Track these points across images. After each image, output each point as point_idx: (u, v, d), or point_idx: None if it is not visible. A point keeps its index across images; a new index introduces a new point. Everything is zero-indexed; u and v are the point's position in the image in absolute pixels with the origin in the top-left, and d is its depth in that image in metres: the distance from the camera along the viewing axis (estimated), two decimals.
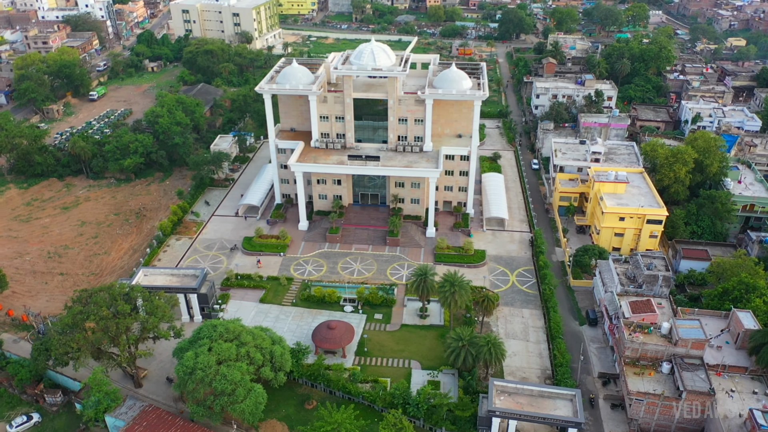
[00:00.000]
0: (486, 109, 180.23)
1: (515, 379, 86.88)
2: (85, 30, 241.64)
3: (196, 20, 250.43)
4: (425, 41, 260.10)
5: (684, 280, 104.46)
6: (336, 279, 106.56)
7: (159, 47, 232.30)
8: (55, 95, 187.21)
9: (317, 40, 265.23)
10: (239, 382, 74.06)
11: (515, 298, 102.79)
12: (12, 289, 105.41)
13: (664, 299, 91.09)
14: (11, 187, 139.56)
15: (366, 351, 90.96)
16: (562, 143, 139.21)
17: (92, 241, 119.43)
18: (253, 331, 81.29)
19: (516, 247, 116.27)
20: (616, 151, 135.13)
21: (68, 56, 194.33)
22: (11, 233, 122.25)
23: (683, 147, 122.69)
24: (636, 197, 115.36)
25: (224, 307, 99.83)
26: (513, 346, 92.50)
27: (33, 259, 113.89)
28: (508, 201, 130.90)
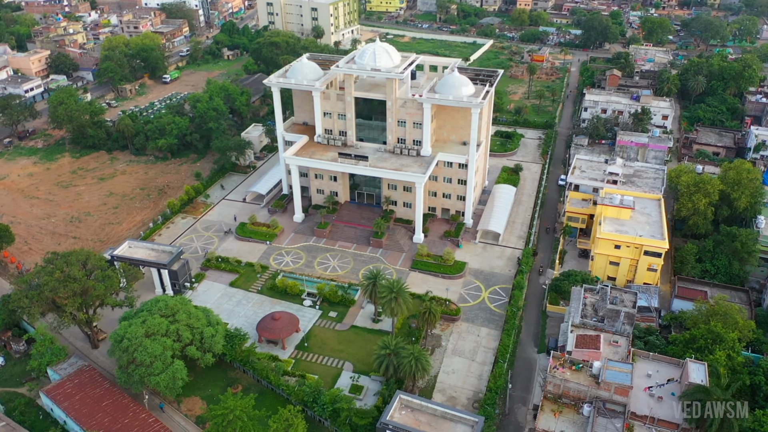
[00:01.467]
0: (533, 119, 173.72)
1: (444, 396, 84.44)
2: (177, 18, 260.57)
3: (279, 13, 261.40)
4: (499, 45, 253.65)
5: (671, 320, 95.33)
6: (309, 273, 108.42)
7: (239, 37, 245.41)
8: (134, 76, 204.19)
9: (393, 38, 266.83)
10: (158, 355, 78.24)
11: (478, 316, 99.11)
12: (30, 246, 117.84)
13: (624, 338, 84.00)
14: (66, 156, 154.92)
15: (306, 346, 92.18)
16: (585, 160, 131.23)
17: (111, 211, 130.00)
18: (192, 311, 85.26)
19: (502, 264, 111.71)
20: (643, 174, 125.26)
21: (149, 41, 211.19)
22: (49, 196, 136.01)
23: (707, 176, 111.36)
24: (640, 225, 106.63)
25: (195, 285, 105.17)
26: (455, 363, 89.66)
27: (56, 222, 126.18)
28: (513, 215, 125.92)
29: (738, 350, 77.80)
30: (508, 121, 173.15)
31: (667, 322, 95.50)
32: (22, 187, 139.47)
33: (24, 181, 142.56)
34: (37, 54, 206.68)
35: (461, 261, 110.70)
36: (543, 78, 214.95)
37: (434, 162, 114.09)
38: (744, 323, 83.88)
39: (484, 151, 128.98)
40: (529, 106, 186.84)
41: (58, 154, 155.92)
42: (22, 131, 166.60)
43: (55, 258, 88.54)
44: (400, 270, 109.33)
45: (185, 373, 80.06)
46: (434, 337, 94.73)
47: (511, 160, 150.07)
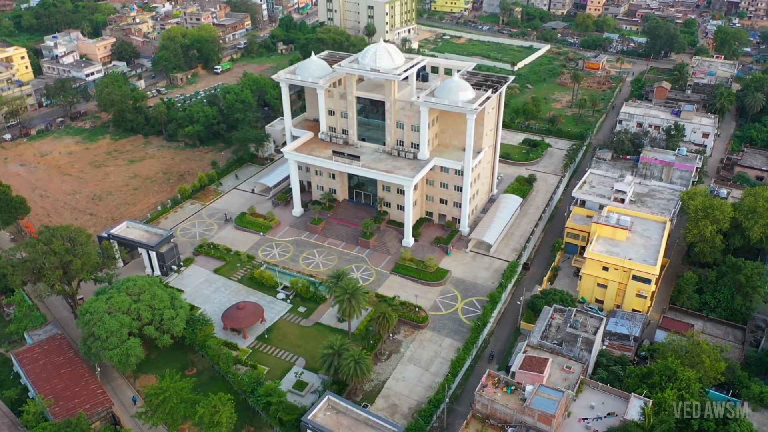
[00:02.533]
0: (567, 129, 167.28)
1: (387, 402, 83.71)
2: (241, 11, 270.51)
3: (338, 10, 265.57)
4: (556, 50, 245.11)
5: (649, 351, 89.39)
6: (291, 267, 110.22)
7: (295, 32, 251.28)
8: (188, 65, 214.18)
9: (449, 39, 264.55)
10: (115, 331, 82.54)
11: (446, 326, 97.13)
12: (50, 218, 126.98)
13: (580, 364, 79.82)
14: (106, 138, 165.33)
15: (266, 338, 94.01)
16: (598, 175, 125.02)
17: (131, 192, 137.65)
18: (157, 293, 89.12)
19: (487, 275, 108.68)
20: (658, 194, 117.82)
21: (205, 32, 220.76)
22: (81, 174, 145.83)
23: (718, 201, 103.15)
24: (635, 248, 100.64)
25: (182, 269, 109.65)
26: (408, 371, 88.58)
27: (80, 198, 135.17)
28: (514, 227, 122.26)
29: (693, 391, 71.91)
30: (540, 129, 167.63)
31: (645, 353, 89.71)
32: (59, 164, 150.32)
33: (63, 158, 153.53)
34: (104, 41, 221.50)
35: (444, 269, 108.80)
36: (594, 87, 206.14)
37: (428, 166, 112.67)
38: (711, 363, 77.34)
39: (491, 159, 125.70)
40: (570, 116, 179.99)
41: (99, 135, 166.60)
42: (74, 112, 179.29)
43: (45, 231, 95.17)
44: (381, 272, 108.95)
45: (140, 351, 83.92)
46: (395, 343, 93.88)
47: (531, 169, 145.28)
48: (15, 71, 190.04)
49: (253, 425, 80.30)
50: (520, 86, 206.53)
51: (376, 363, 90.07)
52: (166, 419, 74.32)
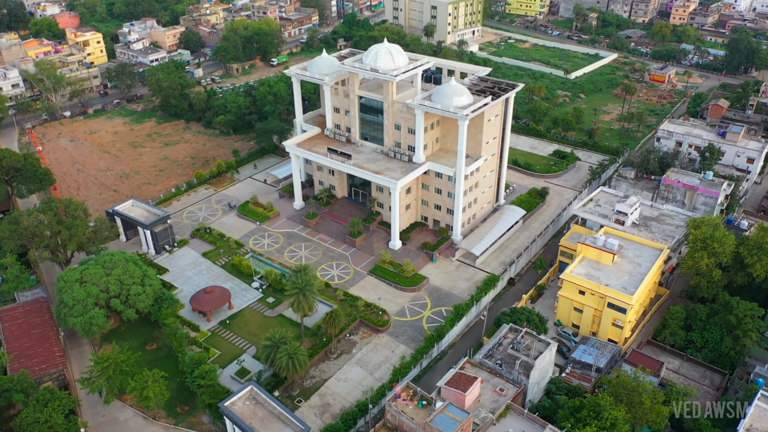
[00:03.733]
0: (605, 143, 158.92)
1: (321, 401, 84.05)
2: (310, 7, 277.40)
3: (403, 9, 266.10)
4: (623, 59, 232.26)
5: (600, 384, 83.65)
6: (275, 258, 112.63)
7: (357, 29, 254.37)
8: (246, 56, 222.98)
9: (513, 43, 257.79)
10: (81, 300, 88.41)
11: (406, 332, 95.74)
12: (79, 191, 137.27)
13: (515, 387, 76.36)
14: (152, 121, 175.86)
15: (228, 323, 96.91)
16: (609, 193, 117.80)
17: (156, 173, 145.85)
18: (130, 268, 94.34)
19: (466, 286, 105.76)
20: (668, 219, 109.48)
21: (266, 26, 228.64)
22: (118, 153, 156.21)
23: (721, 233, 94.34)
24: (619, 274, 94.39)
25: (175, 249, 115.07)
26: (352, 372, 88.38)
27: (110, 175, 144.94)
28: (509, 240, 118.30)
29: (619, 430, 66.80)
30: (575, 141, 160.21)
31: (601, 385, 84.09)
32: (103, 142, 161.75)
33: (108, 137, 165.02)
34: (174, 30, 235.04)
35: (422, 275, 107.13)
36: (653, 100, 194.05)
37: (420, 170, 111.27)
38: (652, 406, 71.32)
39: (495, 168, 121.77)
40: (615, 130, 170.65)
41: (146, 118, 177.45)
42: (131, 95, 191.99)
43: (45, 203, 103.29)
44: (359, 272, 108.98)
45: (102, 321, 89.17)
46: (350, 343, 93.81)
47: (550, 182, 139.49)
48: (86, 54, 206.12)
49: (188, 405, 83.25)
50: (572, 95, 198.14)
51: (324, 361, 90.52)
52: (103, 387, 78.75)
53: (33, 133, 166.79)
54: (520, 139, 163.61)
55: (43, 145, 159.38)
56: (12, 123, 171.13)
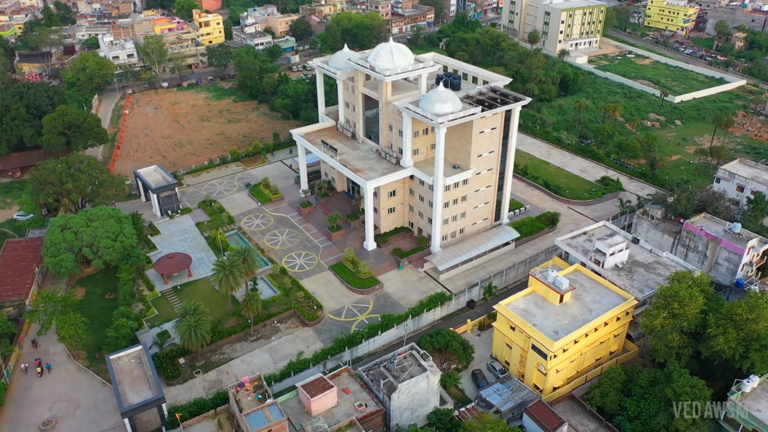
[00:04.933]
0: (667, 177, 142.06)
1: (218, 376, 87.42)
2: (428, 4, 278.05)
3: (519, 13, 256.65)
4: (751, 87, 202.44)
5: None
6: (255, 239, 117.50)
7: (463, 30, 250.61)
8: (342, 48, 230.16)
9: (632, 58, 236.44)
10: (56, 243, 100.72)
11: (331, 331, 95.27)
12: (135, 152, 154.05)
13: (376, 406, 73.47)
14: (230, 99, 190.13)
15: (179, 289, 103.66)
16: (610, 229, 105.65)
17: (204, 145, 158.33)
18: (108, 224, 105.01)
19: (417, 299, 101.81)
20: (660, 269, 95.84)
21: (369, 20, 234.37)
22: (185, 124, 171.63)
23: (687, 292, 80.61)
24: (560, 317, 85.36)
25: (176, 215, 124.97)
26: (260, 358, 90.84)
27: (167, 142, 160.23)
28: (490, 261, 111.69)
29: None
30: (633, 170, 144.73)
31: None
32: (178, 113, 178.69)
33: (185, 109, 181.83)
34: (287, 17, 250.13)
35: (377, 279, 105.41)
36: (764, 137, 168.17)
37: (399, 174, 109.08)
38: None
39: (493, 184, 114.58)
40: (694, 164, 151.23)
41: (227, 96, 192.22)
42: (225, 74, 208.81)
43: (69, 157, 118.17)
44: (321, 265, 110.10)
45: (71, 265, 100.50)
46: (273, 330, 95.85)
47: (575, 209, 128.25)
48: (199, 34, 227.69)
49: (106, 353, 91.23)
50: (666, 121, 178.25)
51: (242, 341, 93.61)
52: (37, 321, 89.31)
53: (130, 98, 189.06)
54: (575, 160, 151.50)
55: (131, 110, 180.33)
56: (119, 88, 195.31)
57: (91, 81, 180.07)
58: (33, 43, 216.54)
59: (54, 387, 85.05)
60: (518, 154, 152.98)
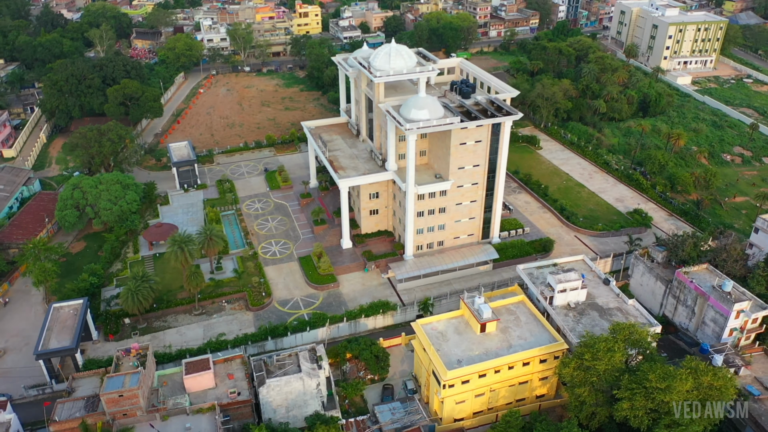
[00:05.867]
0: (713, 219, 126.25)
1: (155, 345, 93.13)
2: (533, 9, 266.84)
3: (628, 24, 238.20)
4: None
5: None
6: (247, 222, 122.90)
7: (561, 38, 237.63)
8: (430, 48, 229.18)
9: (750, 83, 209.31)
10: (65, 199, 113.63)
11: (269, 319, 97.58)
12: (190, 127, 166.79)
13: (247, 392, 75.07)
14: (298, 87, 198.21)
15: (156, 257, 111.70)
16: (588, 266, 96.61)
17: (252, 129, 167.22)
18: (113, 188, 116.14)
19: (368, 303, 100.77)
20: (618, 316, 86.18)
21: (459, 21, 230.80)
22: (246, 107, 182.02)
23: (605, 345, 71.93)
24: (473, 347, 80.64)
25: (191, 189, 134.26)
26: (194, 331, 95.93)
27: (221, 121, 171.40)
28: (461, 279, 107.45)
29: None
30: (675, 206, 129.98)
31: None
32: (245, 96, 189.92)
33: (253, 93, 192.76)
34: (383, 13, 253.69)
35: (334, 277, 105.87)
36: None
37: (376, 177, 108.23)
38: None
39: (480, 199, 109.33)
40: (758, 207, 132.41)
41: (297, 84, 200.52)
42: (303, 63, 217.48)
43: (103, 126, 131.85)
44: (292, 256, 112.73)
45: (73, 219, 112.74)
46: (218, 308, 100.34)
47: (581, 239, 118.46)
48: (292, 23, 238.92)
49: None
50: (751, 157, 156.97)
51: (186, 312, 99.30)
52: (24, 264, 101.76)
53: (211, 79, 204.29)
54: (616, 187, 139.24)
55: (207, 89, 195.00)
56: (207, 69, 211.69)
57: (179, 60, 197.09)
58: (151, 22, 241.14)
59: (17, 323, 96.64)
60: (555, 174, 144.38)
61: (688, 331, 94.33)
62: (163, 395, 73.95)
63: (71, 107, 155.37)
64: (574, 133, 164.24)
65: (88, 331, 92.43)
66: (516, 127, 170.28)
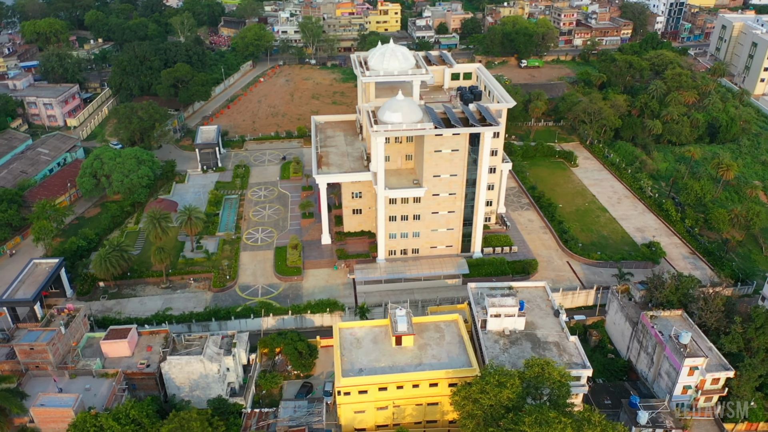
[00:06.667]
0: (734, 262, 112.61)
1: (114, 307, 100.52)
2: (627, 19, 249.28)
3: (728, 40, 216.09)
4: None
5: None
6: (245, 207, 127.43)
7: (648, 50, 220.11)
8: (502, 52, 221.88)
9: None
10: (86, 168, 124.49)
11: (226, 302, 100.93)
12: (235, 113, 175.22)
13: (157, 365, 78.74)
14: (354, 84, 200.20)
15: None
16: (540, 293, 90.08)
17: (293, 120, 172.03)
18: (127, 162, 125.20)
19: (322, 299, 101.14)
20: (551, 352, 79.88)
21: (535, 27, 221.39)
22: (298, 99, 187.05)
23: (495, 379, 66.98)
24: (384, 359, 78.88)
25: (209, 170, 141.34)
26: (154, 303, 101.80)
27: (266, 109, 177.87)
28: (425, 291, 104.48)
29: None
30: (702, 245, 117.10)
31: None
32: (299, 88, 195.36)
33: (309, 85, 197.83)
34: (462, 15, 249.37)
35: (299, 270, 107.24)
36: None
37: (353, 176, 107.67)
38: None
39: (458, 210, 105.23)
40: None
41: (353, 80, 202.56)
42: None
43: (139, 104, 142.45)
44: (271, 245, 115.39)
45: (89, 186, 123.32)
46: (184, 285, 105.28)
47: (573, 266, 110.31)
48: (367, 20, 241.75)
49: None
50: None
51: (155, 285, 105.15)
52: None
53: (275, 69, 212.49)
54: (643, 216, 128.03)
55: (268, 79, 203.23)
56: (276, 59, 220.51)
57: (247, 48, 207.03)
58: (240, 12, 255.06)
59: (12, 274, 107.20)
60: (580, 194, 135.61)
61: (647, 381, 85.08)
62: (78, 355, 79.31)
63: (132, 86, 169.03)
64: (618, 153, 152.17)
65: (63, 289, 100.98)
66: (559, 141, 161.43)
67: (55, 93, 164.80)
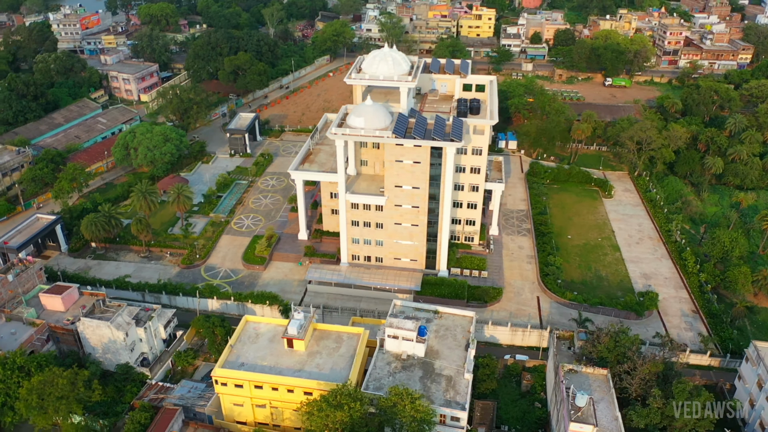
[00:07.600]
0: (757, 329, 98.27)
1: (95, 270, 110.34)
2: (748, 42, 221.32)
3: None
4: None
5: None
6: (251, 192, 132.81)
7: (760, 78, 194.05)
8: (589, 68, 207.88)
9: None
10: (120, 139, 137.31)
11: (188, 278, 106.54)
12: (290, 103, 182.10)
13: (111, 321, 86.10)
14: None
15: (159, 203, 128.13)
16: (463, 322, 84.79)
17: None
18: (155, 138, 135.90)
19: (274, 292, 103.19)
20: (439, 384, 75.50)
21: (628, 43, 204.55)
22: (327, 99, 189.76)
23: (337, 402, 64.90)
24: (271, 358, 79.32)
25: (236, 155, 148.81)
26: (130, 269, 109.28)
27: (323, 105, 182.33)
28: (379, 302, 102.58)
29: None
30: (718, 306, 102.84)
31: None
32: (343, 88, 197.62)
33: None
34: (556, 25, 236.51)
35: (263, 259, 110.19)
36: None
37: (324, 176, 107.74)
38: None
39: (421, 224, 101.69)
40: None
41: None
42: None
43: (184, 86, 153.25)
44: (253, 232, 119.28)
45: (120, 156, 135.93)
46: (161, 258, 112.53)
47: (543, 300, 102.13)
48: (456, 24, 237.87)
49: None
50: None
51: (137, 253, 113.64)
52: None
53: (349, 65, 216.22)
54: (659, 262, 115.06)
55: (336, 74, 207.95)
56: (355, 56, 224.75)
57: (325, 43, 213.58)
58: (338, 8, 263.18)
59: None
60: (598, 228, 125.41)
61: None
62: (22, 303, 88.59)
63: (201, 70, 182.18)
64: (664, 188, 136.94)
65: (59, 244, 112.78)
66: (604, 168, 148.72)
67: (135, 70, 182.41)
